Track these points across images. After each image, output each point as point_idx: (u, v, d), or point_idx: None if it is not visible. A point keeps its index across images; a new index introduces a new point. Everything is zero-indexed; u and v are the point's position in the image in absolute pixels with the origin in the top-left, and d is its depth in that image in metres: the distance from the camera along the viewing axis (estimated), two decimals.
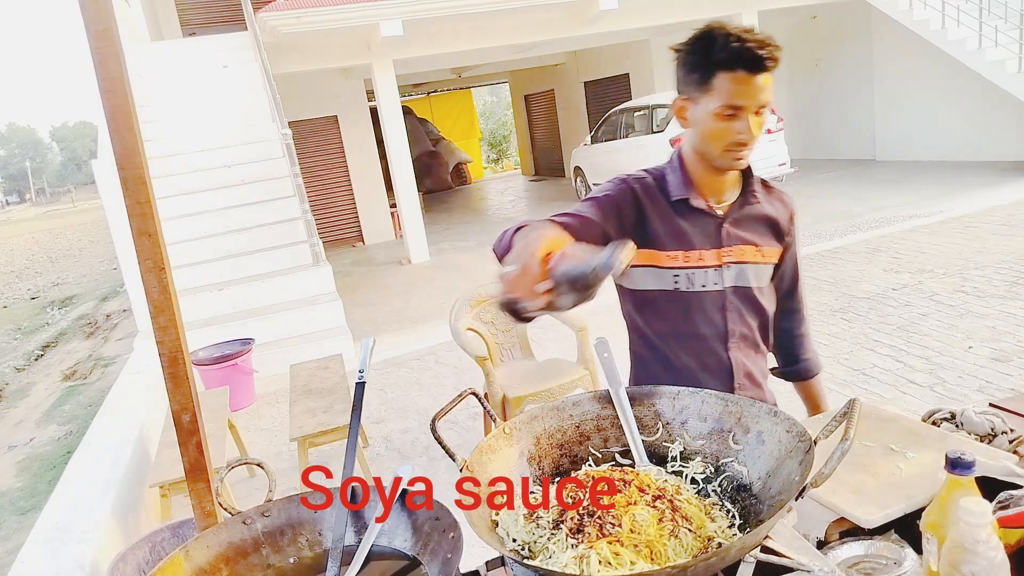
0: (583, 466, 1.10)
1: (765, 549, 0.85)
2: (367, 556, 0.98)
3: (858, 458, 1.14)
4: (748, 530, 0.91)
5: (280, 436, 4.21)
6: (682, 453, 1.08)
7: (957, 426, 1.26)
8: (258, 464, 1.12)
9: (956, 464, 0.80)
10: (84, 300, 12.37)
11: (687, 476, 1.04)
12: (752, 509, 0.96)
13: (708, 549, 0.88)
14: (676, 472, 1.06)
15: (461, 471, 0.99)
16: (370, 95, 10.78)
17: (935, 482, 0.91)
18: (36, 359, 8.76)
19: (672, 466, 1.07)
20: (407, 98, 18.49)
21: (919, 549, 0.86)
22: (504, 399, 3.26)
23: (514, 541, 0.93)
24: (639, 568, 0.82)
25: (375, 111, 9.33)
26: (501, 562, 1.07)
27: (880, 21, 10.48)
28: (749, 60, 1.24)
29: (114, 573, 1.97)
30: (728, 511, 0.97)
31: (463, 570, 1.02)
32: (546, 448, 1.12)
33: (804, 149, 12.44)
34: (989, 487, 0.92)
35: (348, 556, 0.98)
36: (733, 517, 0.96)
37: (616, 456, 1.12)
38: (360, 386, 1.18)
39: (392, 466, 3.67)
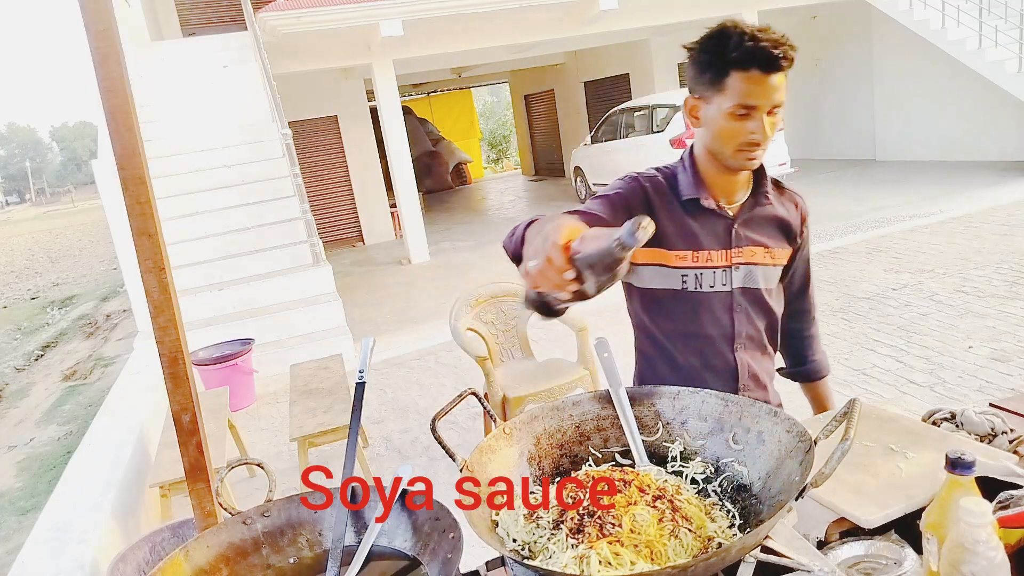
0: (583, 466, 1.10)
1: (765, 549, 0.85)
2: (367, 556, 0.98)
3: (858, 458, 1.14)
4: (748, 530, 0.91)
5: (280, 436, 4.21)
6: (682, 453, 1.08)
7: (957, 426, 1.26)
8: (258, 464, 1.12)
9: (956, 464, 0.80)
10: (84, 300, 12.37)
11: (687, 476, 1.04)
12: (752, 509, 0.96)
13: (708, 549, 0.88)
14: (676, 472, 1.06)
15: (461, 471, 0.99)
16: (370, 95, 10.77)
17: (935, 482, 0.91)
18: (36, 359, 8.76)
19: (672, 466, 1.07)
20: (407, 98, 18.50)
21: (919, 549, 0.86)
22: (504, 399, 3.26)
23: (514, 541, 0.93)
24: (639, 568, 0.82)
25: (375, 111, 9.33)
26: (501, 562, 1.07)
27: (880, 21, 10.48)
28: (763, 60, 1.22)
29: (114, 573, 1.97)
30: (728, 511, 0.97)
31: (463, 570, 1.02)
32: (546, 448, 1.12)
33: (804, 149, 12.43)
34: (989, 487, 0.92)
35: (348, 556, 0.98)
36: (733, 517, 0.96)
37: (616, 456, 1.12)
38: (360, 386, 1.18)
39: (392, 466, 3.67)
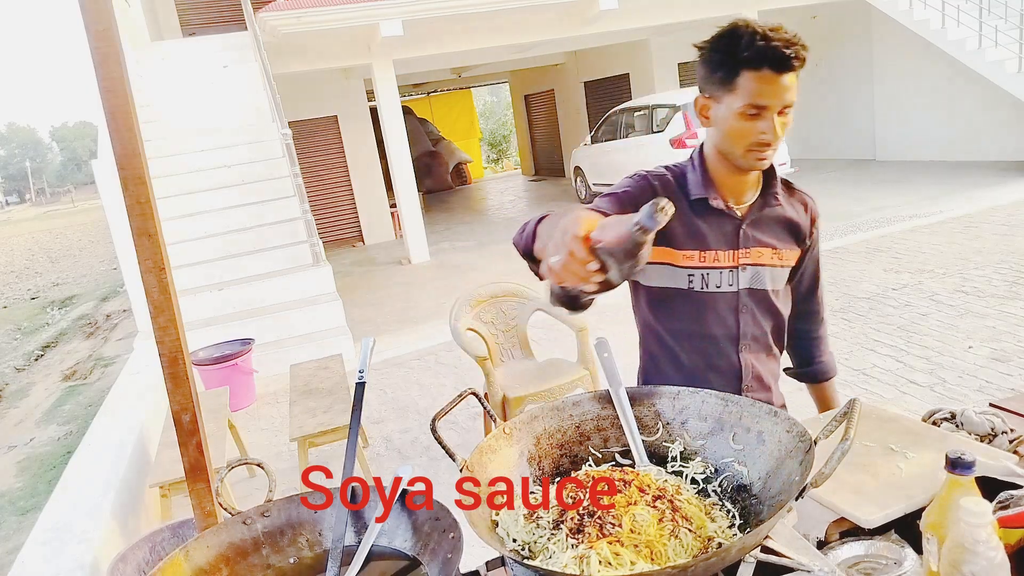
0: (583, 466, 1.10)
1: (765, 549, 0.85)
2: (367, 556, 0.98)
3: (858, 458, 1.14)
4: (748, 530, 0.91)
5: (280, 436, 4.21)
6: (682, 453, 1.08)
7: (957, 426, 1.26)
8: (258, 464, 1.12)
9: (956, 464, 0.80)
10: (84, 300, 12.37)
11: (687, 476, 1.04)
12: (752, 509, 0.96)
13: (708, 549, 0.88)
14: (676, 472, 1.06)
15: (461, 471, 0.99)
16: (370, 95, 10.77)
17: (935, 482, 0.91)
18: (36, 359, 8.76)
19: (672, 466, 1.07)
20: (407, 98, 18.50)
21: (919, 549, 0.86)
22: (504, 399, 3.26)
23: (514, 541, 0.93)
24: (639, 568, 0.82)
25: (375, 111, 9.33)
26: (501, 562, 1.07)
27: (880, 21, 10.48)
28: (775, 59, 1.21)
29: (114, 573, 1.97)
30: (728, 511, 0.97)
31: (463, 570, 1.02)
32: (546, 448, 1.12)
33: (804, 149, 12.43)
34: (989, 487, 0.92)
35: (348, 556, 0.98)
36: (733, 517, 0.96)
37: (616, 456, 1.12)
38: (360, 386, 1.18)
39: (392, 466, 3.67)
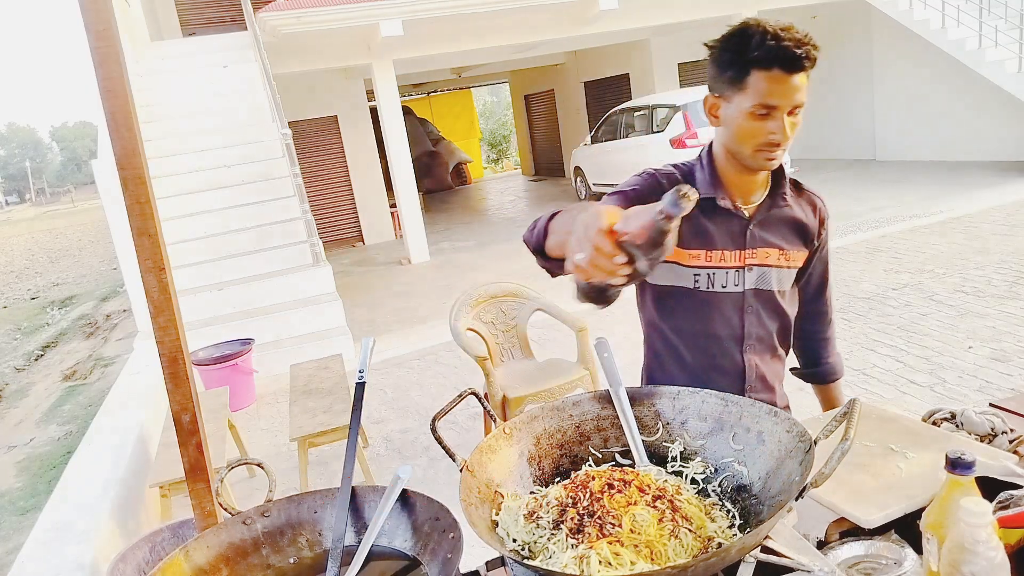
0: (583, 466, 1.10)
1: (765, 549, 0.85)
2: (367, 556, 0.98)
3: (858, 458, 1.14)
4: (748, 530, 0.91)
5: (280, 436, 4.21)
6: (682, 453, 1.08)
7: (957, 426, 1.26)
8: (258, 464, 1.12)
9: (956, 464, 0.79)
10: (84, 300, 12.37)
11: (687, 476, 1.04)
12: (752, 509, 0.96)
13: (708, 549, 0.88)
14: (676, 472, 1.06)
15: (461, 471, 0.99)
16: (370, 95, 10.77)
17: (935, 482, 0.91)
18: (36, 359, 8.76)
19: (672, 466, 1.07)
20: (407, 98, 18.50)
21: (919, 549, 0.86)
22: (504, 399, 3.26)
23: (514, 541, 0.93)
24: (639, 568, 0.82)
25: (375, 111, 9.33)
26: (501, 562, 1.07)
27: (880, 21, 10.48)
28: (785, 59, 1.20)
29: (114, 573, 1.97)
30: (728, 511, 0.97)
31: (463, 570, 1.02)
32: (546, 448, 1.12)
33: (804, 149, 12.44)
34: (989, 487, 0.92)
35: (348, 556, 0.98)
36: (733, 517, 0.96)
37: (616, 456, 1.12)
38: (360, 386, 1.18)
39: (392, 466, 3.67)
